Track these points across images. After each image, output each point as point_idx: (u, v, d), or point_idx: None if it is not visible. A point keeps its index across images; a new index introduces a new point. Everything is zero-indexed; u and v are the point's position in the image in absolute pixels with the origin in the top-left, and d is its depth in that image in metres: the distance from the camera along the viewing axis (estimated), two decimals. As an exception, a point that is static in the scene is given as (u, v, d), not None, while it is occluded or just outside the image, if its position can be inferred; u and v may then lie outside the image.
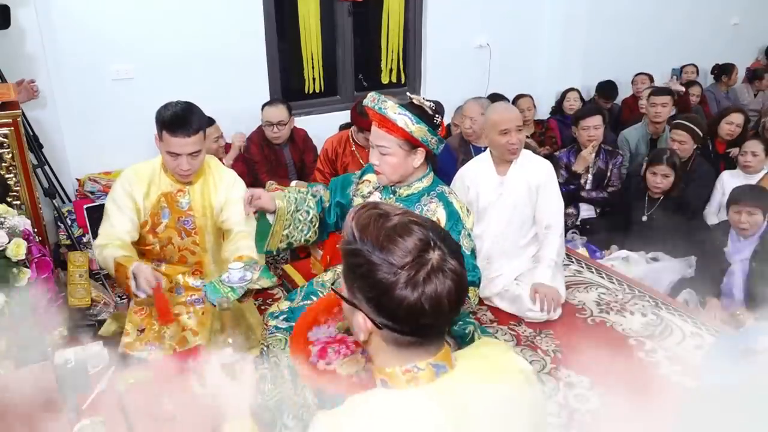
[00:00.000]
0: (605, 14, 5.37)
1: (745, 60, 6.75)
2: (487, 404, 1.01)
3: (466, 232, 2.03)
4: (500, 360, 1.11)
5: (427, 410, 0.97)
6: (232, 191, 2.40)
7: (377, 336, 1.02)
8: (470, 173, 2.83)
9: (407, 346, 1.00)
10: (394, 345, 1.01)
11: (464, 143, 3.87)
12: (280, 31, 4.27)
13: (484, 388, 1.03)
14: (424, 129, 1.92)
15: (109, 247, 2.25)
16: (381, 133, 1.96)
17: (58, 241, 3.36)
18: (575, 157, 3.92)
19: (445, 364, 1.02)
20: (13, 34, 3.15)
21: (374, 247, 0.96)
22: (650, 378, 2.29)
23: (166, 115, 2.18)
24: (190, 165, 2.25)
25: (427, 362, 1.00)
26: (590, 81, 5.41)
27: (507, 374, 1.08)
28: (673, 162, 3.39)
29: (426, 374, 1.00)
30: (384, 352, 1.03)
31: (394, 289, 0.94)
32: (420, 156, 1.99)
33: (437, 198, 2.03)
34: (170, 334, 2.29)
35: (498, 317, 2.73)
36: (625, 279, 3.07)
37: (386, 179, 2.04)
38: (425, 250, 0.96)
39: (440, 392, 0.99)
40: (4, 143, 2.37)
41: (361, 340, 1.05)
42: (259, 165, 3.88)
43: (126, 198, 2.32)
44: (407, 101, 1.97)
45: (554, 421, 2.06)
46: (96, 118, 3.71)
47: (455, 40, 4.84)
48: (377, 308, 0.98)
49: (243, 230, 2.36)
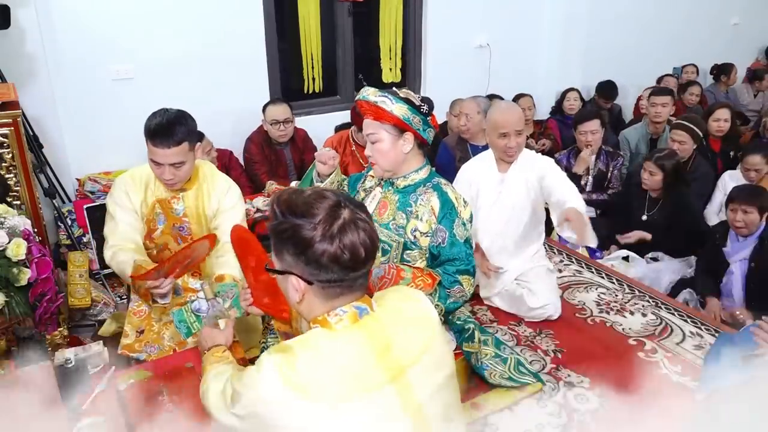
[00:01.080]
0: (605, 14, 5.37)
1: (745, 60, 6.75)
2: (406, 338, 1.22)
3: (461, 221, 2.04)
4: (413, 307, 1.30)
5: (354, 341, 1.17)
6: (225, 199, 2.37)
7: (309, 293, 1.20)
8: (472, 171, 2.83)
9: (335, 296, 1.19)
10: (323, 298, 1.19)
11: (462, 142, 3.87)
12: (280, 31, 4.28)
13: (402, 327, 1.23)
14: (404, 107, 1.96)
15: (125, 251, 2.22)
16: (368, 122, 2.03)
17: (58, 241, 3.36)
18: (575, 159, 3.92)
19: (366, 307, 1.22)
20: (13, 34, 3.15)
21: (295, 214, 1.16)
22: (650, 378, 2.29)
23: (151, 123, 2.16)
24: (173, 175, 2.22)
25: (350, 305, 1.20)
26: (590, 81, 5.41)
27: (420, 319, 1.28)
28: (662, 163, 3.39)
29: (350, 315, 1.19)
30: (314, 305, 1.21)
31: (315, 242, 1.13)
32: (409, 140, 2.01)
33: (432, 188, 2.06)
34: (169, 335, 2.29)
35: (498, 317, 2.73)
36: (625, 279, 3.07)
37: (380, 170, 2.07)
38: (337, 208, 1.16)
39: (364, 328, 1.19)
40: (4, 143, 2.37)
41: (296, 301, 1.22)
42: (258, 165, 3.88)
43: (126, 199, 2.31)
44: (390, 90, 2.03)
45: (554, 421, 2.07)
46: (96, 118, 3.71)
47: (455, 40, 4.84)
48: (305, 263, 1.16)
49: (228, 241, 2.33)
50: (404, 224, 2.05)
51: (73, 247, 3.12)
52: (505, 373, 2.17)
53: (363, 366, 1.16)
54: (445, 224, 2.02)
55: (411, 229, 2.05)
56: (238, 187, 2.46)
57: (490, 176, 2.76)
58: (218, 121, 3.71)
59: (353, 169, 3.44)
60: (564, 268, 3.21)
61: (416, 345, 1.23)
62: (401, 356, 1.20)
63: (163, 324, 2.32)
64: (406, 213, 2.06)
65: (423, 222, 2.03)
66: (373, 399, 1.14)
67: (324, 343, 1.17)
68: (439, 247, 2.03)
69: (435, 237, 2.03)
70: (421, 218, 2.03)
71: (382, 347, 1.18)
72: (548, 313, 2.67)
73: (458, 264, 2.03)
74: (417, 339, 1.24)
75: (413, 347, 1.22)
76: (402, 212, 2.06)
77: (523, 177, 2.70)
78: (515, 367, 2.24)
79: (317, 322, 1.21)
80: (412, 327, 1.25)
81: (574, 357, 2.41)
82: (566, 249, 3.40)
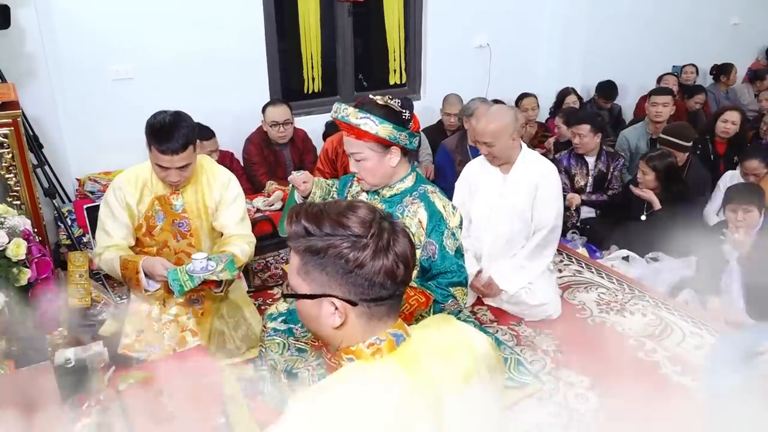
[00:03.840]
0: (605, 14, 5.37)
1: (745, 60, 6.75)
2: (446, 368, 1.10)
3: (450, 232, 2.00)
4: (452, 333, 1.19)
5: (393, 375, 1.05)
6: (227, 191, 2.38)
7: (352, 314, 1.07)
8: (474, 172, 2.83)
9: (380, 317, 1.08)
10: (367, 319, 1.08)
11: (461, 144, 3.87)
12: (280, 31, 4.27)
13: (441, 356, 1.11)
14: (389, 127, 1.90)
15: (110, 250, 2.25)
16: (351, 141, 1.96)
17: (58, 241, 3.36)
18: (575, 160, 3.91)
19: (402, 333, 1.11)
20: (13, 34, 3.14)
21: (333, 228, 1.04)
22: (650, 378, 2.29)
23: (154, 128, 2.15)
24: (179, 176, 2.23)
25: (386, 332, 1.09)
26: (590, 81, 5.41)
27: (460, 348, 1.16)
28: (654, 164, 3.41)
29: (387, 344, 1.08)
30: (354, 331, 1.09)
31: (368, 259, 1.03)
32: (395, 154, 1.97)
33: (419, 198, 2.01)
34: (169, 334, 2.29)
35: (498, 317, 2.74)
36: (625, 279, 3.07)
37: (368, 185, 2.03)
38: (376, 219, 1.06)
39: (402, 358, 1.08)
40: (4, 143, 2.37)
41: (334, 327, 1.08)
42: (257, 166, 3.88)
43: (118, 205, 2.30)
44: (367, 102, 1.95)
45: (554, 421, 2.07)
46: (96, 118, 3.71)
47: (455, 40, 4.84)
48: (353, 283, 1.04)
49: (234, 234, 2.35)
50: None
51: (73, 247, 3.12)
52: (505, 373, 2.17)
53: (401, 402, 1.03)
54: (434, 237, 1.98)
55: None
56: (236, 178, 2.47)
57: (493, 176, 2.76)
58: (218, 121, 3.70)
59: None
60: (564, 268, 3.21)
61: (455, 373, 1.12)
62: (439, 385, 1.08)
63: (163, 324, 2.32)
64: None
65: (411, 235, 2.00)
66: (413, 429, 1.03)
67: (360, 379, 1.05)
68: (429, 260, 1.99)
69: (425, 251, 1.99)
70: (410, 231, 1.99)
71: (419, 375, 1.07)
72: (548, 311, 2.67)
73: (450, 276, 1.98)
74: (456, 367, 1.12)
75: (452, 375, 1.11)
76: None
77: (526, 177, 2.70)
78: (515, 367, 2.24)
79: (351, 353, 1.10)
80: (450, 354, 1.14)
81: (574, 357, 2.41)
82: (566, 249, 3.40)
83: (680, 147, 3.70)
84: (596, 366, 2.31)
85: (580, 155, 3.89)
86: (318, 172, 3.53)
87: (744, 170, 3.59)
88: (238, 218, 2.40)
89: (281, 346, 2.07)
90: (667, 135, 3.77)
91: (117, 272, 2.22)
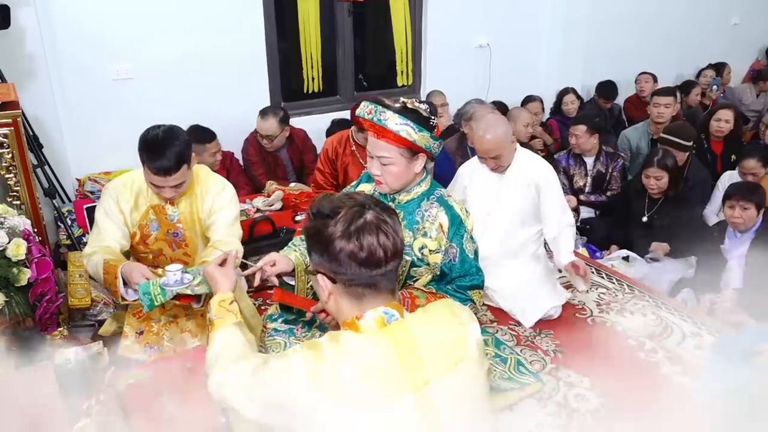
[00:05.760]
0: (605, 14, 5.38)
1: (745, 60, 6.76)
2: (432, 345, 1.20)
3: (468, 235, 2.01)
4: (451, 326, 1.27)
5: (379, 345, 1.17)
6: (218, 198, 2.33)
7: (335, 292, 1.25)
8: (470, 171, 2.83)
9: (360, 297, 1.22)
10: (349, 297, 1.23)
11: (462, 146, 3.86)
12: (280, 31, 4.28)
13: (433, 341, 1.21)
14: (426, 136, 1.88)
15: (98, 253, 2.17)
16: (381, 144, 1.89)
17: (58, 241, 3.36)
18: (573, 161, 3.91)
19: (396, 313, 1.23)
20: (13, 34, 3.14)
21: (322, 215, 1.23)
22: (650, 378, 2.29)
23: (146, 144, 2.10)
24: (174, 193, 2.20)
25: (378, 309, 1.22)
26: (590, 81, 5.41)
27: (455, 340, 1.25)
28: (664, 164, 3.39)
29: (377, 319, 1.21)
30: (342, 305, 1.24)
31: (334, 239, 1.19)
32: (421, 161, 1.95)
33: (437, 202, 2.00)
34: (169, 335, 2.28)
35: (498, 317, 2.73)
36: (625, 279, 3.07)
37: (388, 188, 1.99)
38: (361, 209, 1.22)
39: (390, 334, 1.19)
40: (4, 143, 2.36)
41: (325, 299, 1.27)
42: (256, 166, 3.88)
43: (115, 207, 2.26)
44: (401, 106, 1.91)
45: (554, 421, 2.06)
46: (96, 118, 3.71)
47: (455, 40, 4.84)
48: (328, 261, 1.21)
49: (221, 239, 2.26)
50: (411, 242, 2.00)
51: (73, 247, 3.12)
52: (504, 373, 2.17)
53: (387, 371, 1.15)
54: (456, 241, 1.98)
55: (418, 246, 2.00)
56: (233, 187, 2.41)
57: (490, 176, 2.76)
58: (218, 121, 3.70)
59: (353, 170, 3.44)
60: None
61: (444, 363, 1.20)
62: (426, 368, 1.18)
63: (163, 324, 2.31)
64: (413, 231, 2.00)
65: (431, 239, 1.99)
66: (393, 410, 1.14)
67: (351, 344, 1.18)
68: (450, 263, 1.99)
69: (447, 254, 1.98)
70: (430, 235, 1.99)
71: (406, 355, 1.17)
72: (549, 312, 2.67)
73: (469, 279, 1.99)
74: (446, 357, 1.21)
75: (440, 364, 1.20)
76: (409, 230, 2.00)
77: (523, 177, 2.70)
78: (515, 367, 2.24)
79: (346, 326, 1.24)
80: (443, 344, 1.22)
81: (574, 357, 2.41)
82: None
83: (681, 146, 3.70)
84: (596, 366, 2.31)
85: (578, 155, 3.89)
86: (318, 172, 3.53)
87: (742, 170, 3.59)
88: (228, 221, 2.33)
89: (282, 347, 2.07)
90: (668, 135, 3.77)
91: (100, 276, 2.11)
